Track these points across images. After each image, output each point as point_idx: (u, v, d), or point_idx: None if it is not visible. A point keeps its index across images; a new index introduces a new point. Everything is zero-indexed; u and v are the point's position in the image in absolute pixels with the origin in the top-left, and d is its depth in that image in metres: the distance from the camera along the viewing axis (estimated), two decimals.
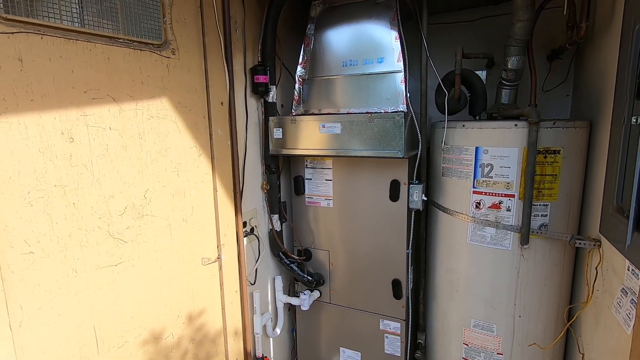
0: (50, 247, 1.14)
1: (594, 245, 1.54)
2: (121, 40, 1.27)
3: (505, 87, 1.87)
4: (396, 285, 1.98)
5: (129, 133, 1.31)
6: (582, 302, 1.65)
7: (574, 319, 1.66)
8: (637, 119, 1.01)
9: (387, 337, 2.08)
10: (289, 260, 2.12)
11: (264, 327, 2.11)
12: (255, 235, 1.99)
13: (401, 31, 1.77)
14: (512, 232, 1.69)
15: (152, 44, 1.37)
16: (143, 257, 1.40)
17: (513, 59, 1.78)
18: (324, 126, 1.81)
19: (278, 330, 2.22)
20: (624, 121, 1.31)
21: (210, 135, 1.61)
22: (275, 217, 2.09)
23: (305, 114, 1.98)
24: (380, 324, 2.08)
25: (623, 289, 1.26)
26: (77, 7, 1.17)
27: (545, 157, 1.62)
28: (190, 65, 1.50)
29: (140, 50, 1.33)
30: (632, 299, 1.19)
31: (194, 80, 1.53)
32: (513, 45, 1.77)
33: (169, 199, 1.47)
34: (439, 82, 1.93)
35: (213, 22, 1.58)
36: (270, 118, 1.95)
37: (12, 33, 1.02)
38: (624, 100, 1.31)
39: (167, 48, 1.41)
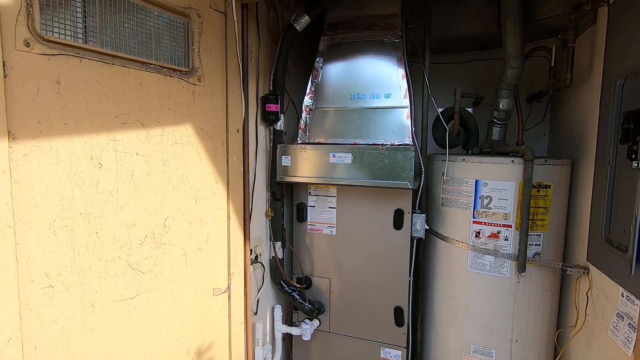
0: (70, 279, 1.06)
1: (583, 272, 1.68)
2: (153, 66, 1.26)
3: (496, 125, 2.05)
4: (398, 312, 2.02)
5: (154, 159, 1.28)
6: (570, 326, 1.78)
7: (569, 342, 1.79)
8: (638, 164, 1.17)
9: None
10: (290, 289, 2.09)
11: None
12: (260, 263, 1.95)
13: (407, 70, 1.90)
14: (509, 260, 1.81)
15: (181, 71, 1.37)
16: (159, 288, 1.33)
17: (504, 100, 1.97)
18: (334, 155, 1.86)
19: None
20: (609, 162, 1.49)
21: (227, 162, 1.60)
22: (278, 244, 2.08)
23: (310, 142, 2.02)
24: (381, 352, 2.08)
25: (618, 313, 1.39)
26: (114, 31, 1.15)
27: (538, 191, 1.78)
28: (214, 93, 1.51)
29: (170, 76, 1.32)
30: (630, 323, 1.31)
31: (216, 107, 1.53)
32: (504, 89, 1.96)
33: (187, 227, 1.43)
34: (439, 117, 2.07)
35: (233, 52, 1.61)
36: (279, 145, 1.97)
37: (53, 55, 0.99)
38: (608, 144, 1.50)
39: (194, 75, 1.41)
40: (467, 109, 2.48)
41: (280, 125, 2.00)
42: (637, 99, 1.33)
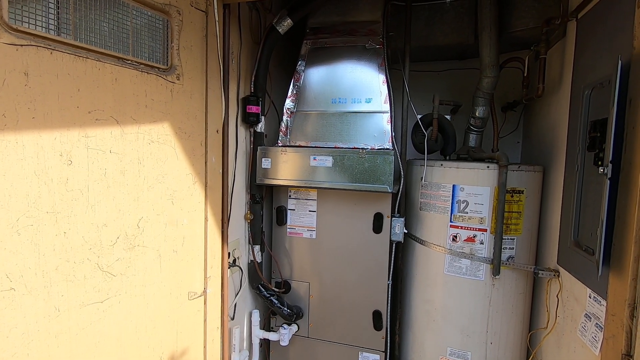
0: (34, 282, 1.00)
1: (554, 275, 1.74)
2: (129, 61, 1.23)
3: (473, 132, 2.11)
4: (377, 316, 2.02)
5: (129, 157, 1.24)
6: (542, 328, 1.84)
7: (540, 344, 1.84)
8: (604, 169, 1.22)
9: None
10: (269, 293, 2.06)
11: None
12: (239, 267, 1.92)
13: (388, 76, 1.93)
14: (485, 264, 1.85)
15: (159, 68, 1.34)
16: (130, 292, 1.28)
17: (480, 108, 2.04)
18: (315, 158, 1.86)
19: None
20: (577, 169, 1.56)
21: (206, 162, 1.57)
22: (257, 247, 2.05)
23: (291, 145, 2.02)
24: (360, 356, 2.08)
25: (586, 314, 1.45)
26: (89, 24, 1.12)
27: (512, 196, 1.83)
28: (193, 92, 1.48)
29: (147, 73, 1.29)
30: (597, 323, 1.36)
31: (195, 107, 1.50)
32: (480, 97, 2.02)
33: (162, 228, 1.38)
34: (418, 123, 2.11)
35: (214, 51, 1.59)
36: (259, 147, 1.96)
37: (22, 45, 0.95)
38: (577, 152, 1.57)
39: (173, 73, 1.39)
40: (446, 116, 2.55)
41: (261, 127, 1.99)
42: (603, 108, 1.40)
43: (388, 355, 2.09)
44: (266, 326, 2.25)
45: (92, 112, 1.12)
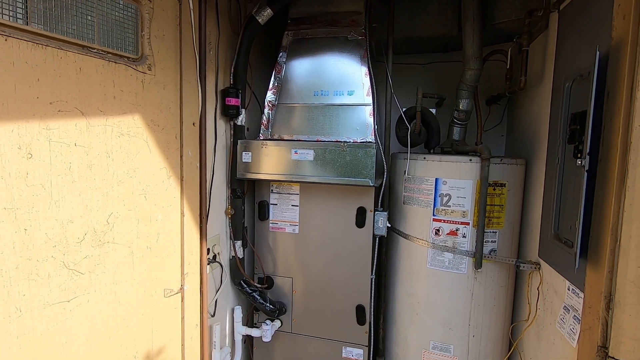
0: None
1: (535, 267, 1.75)
2: (95, 50, 1.17)
3: (456, 125, 2.09)
4: (360, 311, 2.01)
5: (96, 151, 1.19)
6: (523, 320, 1.84)
7: (521, 336, 1.85)
8: (581, 162, 1.22)
9: None
10: (251, 289, 2.03)
11: None
12: (219, 263, 1.88)
13: (370, 68, 1.90)
14: (467, 257, 1.84)
15: (128, 58, 1.28)
16: (100, 290, 1.24)
17: (464, 101, 2.02)
18: (296, 152, 1.83)
19: None
20: (558, 161, 1.56)
21: (181, 156, 1.52)
22: (239, 243, 2.01)
23: (273, 138, 1.98)
24: (343, 351, 2.07)
25: (565, 306, 1.45)
26: (49, 10, 1.06)
27: (494, 190, 1.83)
28: (166, 83, 1.43)
29: (115, 62, 1.23)
30: (575, 315, 1.37)
31: (169, 99, 1.45)
32: (464, 90, 2.00)
33: (134, 224, 1.34)
34: (401, 116, 2.09)
35: (189, 41, 1.54)
36: (239, 141, 1.91)
37: None
38: (558, 144, 1.56)
39: (144, 63, 1.33)
40: (431, 109, 2.52)
41: (241, 120, 1.94)
42: (583, 101, 1.39)
43: (372, 349, 2.08)
44: (250, 322, 2.22)
45: (54, 103, 1.06)
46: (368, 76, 1.89)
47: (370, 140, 1.85)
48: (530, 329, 1.78)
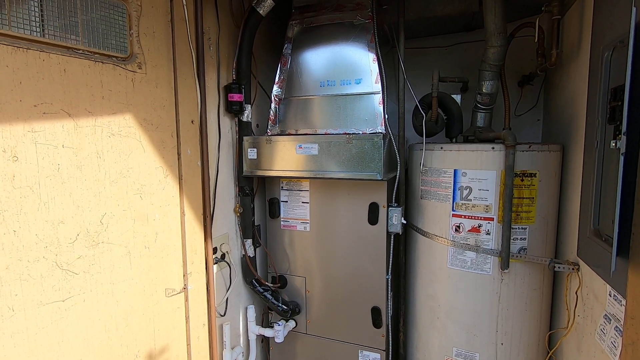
0: None
1: (573, 269, 1.52)
2: (80, 51, 1.17)
3: (480, 110, 1.89)
4: (375, 313, 1.89)
5: (86, 151, 1.19)
6: (562, 328, 1.62)
7: (557, 346, 1.63)
8: (616, 143, 1.01)
9: None
10: (263, 288, 1.99)
11: None
12: (227, 262, 1.86)
13: (379, 53, 1.76)
14: (492, 256, 1.66)
15: (116, 57, 1.27)
16: (97, 290, 1.25)
17: (487, 83, 1.81)
18: (300, 147, 1.75)
19: None
20: (597, 145, 1.33)
21: (179, 155, 1.50)
22: (249, 242, 1.97)
23: (281, 134, 1.91)
24: (360, 355, 1.96)
25: (606, 315, 1.24)
26: (30, 13, 1.06)
27: (522, 180, 1.62)
28: (158, 81, 1.41)
29: (103, 63, 1.23)
30: (616, 326, 1.16)
31: (162, 97, 1.43)
32: (487, 70, 1.80)
33: (130, 224, 1.34)
34: (417, 104, 1.93)
35: (184, 37, 1.51)
36: (245, 138, 1.87)
37: None
38: (596, 125, 1.33)
39: (133, 62, 1.32)
40: (454, 95, 2.32)
41: (247, 116, 1.90)
42: (625, 72, 1.17)
43: (391, 354, 1.96)
44: (265, 322, 2.19)
45: (39, 105, 1.07)
46: (376, 62, 1.76)
47: (380, 130, 1.72)
48: (570, 339, 1.56)
